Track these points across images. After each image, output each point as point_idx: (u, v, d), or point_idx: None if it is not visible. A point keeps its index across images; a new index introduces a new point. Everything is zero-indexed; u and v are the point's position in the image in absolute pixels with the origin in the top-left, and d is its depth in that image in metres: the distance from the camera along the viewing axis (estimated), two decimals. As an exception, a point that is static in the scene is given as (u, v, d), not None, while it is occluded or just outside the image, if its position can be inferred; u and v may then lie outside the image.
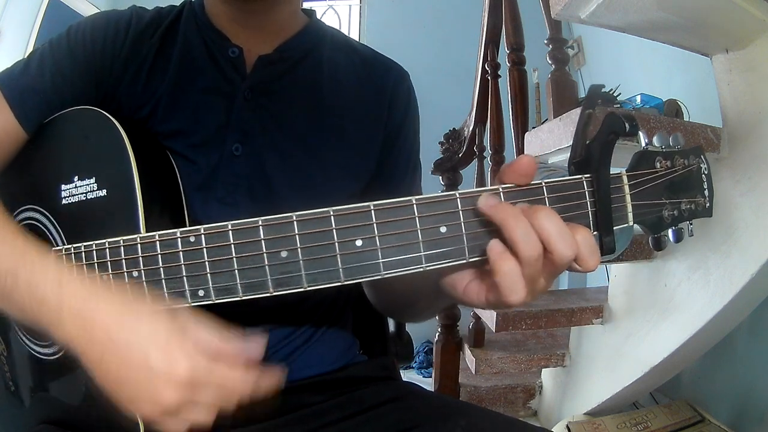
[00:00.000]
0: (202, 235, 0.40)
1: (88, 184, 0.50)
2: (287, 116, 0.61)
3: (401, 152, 0.68)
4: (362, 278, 0.38)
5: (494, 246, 0.37)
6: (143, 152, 0.50)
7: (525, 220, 0.36)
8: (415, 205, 0.38)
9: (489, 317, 1.52)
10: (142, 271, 0.42)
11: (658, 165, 0.42)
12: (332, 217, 0.37)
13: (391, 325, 0.98)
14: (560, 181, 0.40)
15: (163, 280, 0.42)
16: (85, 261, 0.46)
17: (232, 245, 0.39)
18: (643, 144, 0.42)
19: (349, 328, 0.73)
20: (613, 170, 0.41)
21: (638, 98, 1.34)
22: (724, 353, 1.44)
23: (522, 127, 1.59)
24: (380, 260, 0.38)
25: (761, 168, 1.00)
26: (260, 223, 0.38)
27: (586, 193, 0.40)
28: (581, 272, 0.40)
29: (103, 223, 0.50)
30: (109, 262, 0.44)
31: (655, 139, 0.43)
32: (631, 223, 0.42)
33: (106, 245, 0.44)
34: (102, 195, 0.50)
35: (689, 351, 1.27)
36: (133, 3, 0.65)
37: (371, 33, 3.39)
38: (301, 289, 0.38)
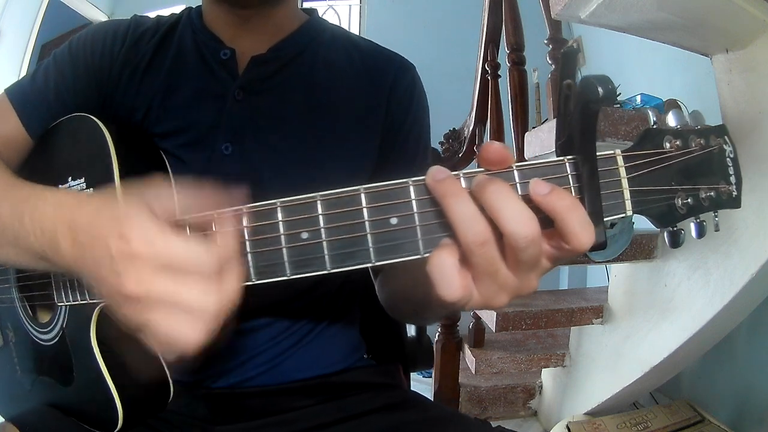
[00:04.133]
0: None
1: (78, 184, 0.53)
2: (280, 114, 0.61)
3: (406, 146, 0.66)
4: (308, 273, 0.36)
5: (445, 240, 0.34)
6: (130, 152, 0.53)
7: (467, 198, 0.33)
8: (362, 195, 0.35)
9: (489, 317, 1.52)
10: None
11: (667, 145, 0.36)
12: (278, 208, 0.36)
13: (411, 329, 0.93)
14: (537, 164, 0.35)
15: None
16: None
17: None
18: (651, 122, 0.37)
19: (352, 331, 0.71)
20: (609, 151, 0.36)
21: (638, 98, 1.34)
22: (724, 353, 1.44)
23: (522, 127, 1.59)
24: (326, 254, 0.35)
25: (761, 168, 1.00)
26: (214, 215, 0.38)
27: (570, 177, 0.35)
28: (571, 254, 0.34)
29: None
30: None
31: (670, 118, 0.37)
32: (629, 213, 0.36)
33: None
34: (90, 193, 0.52)
35: (689, 351, 1.27)
36: (130, 2, 0.66)
37: (371, 33, 3.39)
38: (250, 283, 0.37)
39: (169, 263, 0.33)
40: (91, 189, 0.52)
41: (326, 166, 0.61)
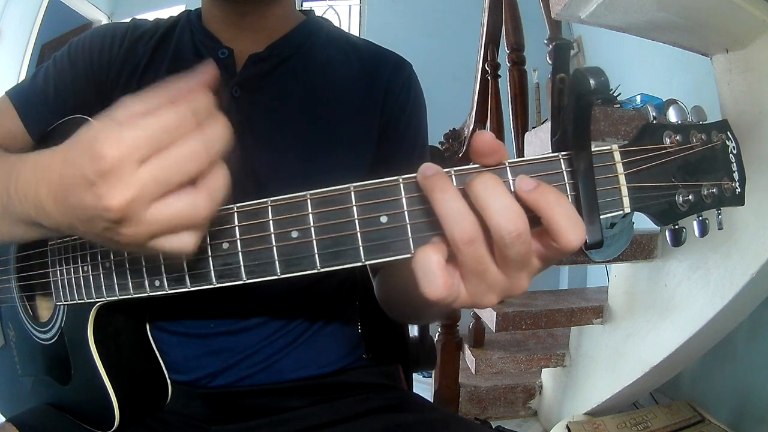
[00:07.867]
0: None
1: None
2: (277, 111, 0.62)
3: (402, 144, 0.66)
4: (298, 272, 0.36)
5: (434, 238, 0.34)
6: None
7: (455, 194, 0.32)
8: (353, 193, 0.35)
9: (489, 317, 1.52)
10: (112, 262, 0.44)
11: (666, 140, 0.35)
12: (269, 207, 0.36)
13: (414, 329, 0.91)
14: (530, 160, 0.34)
15: (128, 271, 0.43)
16: (64, 254, 0.49)
17: None
18: (651, 117, 0.36)
19: (350, 330, 0.71)
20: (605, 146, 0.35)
21: (638, 98, 1.34)
22: (724, 353, 1.44)
23: (522, 127, 1.60)
24: (315, 253, 0.35)
25: (761, 168, 1.00)
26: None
27: (564, 173, 0.34)
28: (562, 253, 0.32)
29: None
30: (88, 254, 0.46)
31: (670, 113, 0.36)
32: (627, 210, 0.35)
33: (77, 239, 0.47)
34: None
35: (689, 351, 1.27)
36: (130, 2, 0.66)
37: (371, 33, 3.39)
38: (241, 282, 0.37)
39: (147, 147, 0.31)
40: None
41: (324, 163, 0.61)
